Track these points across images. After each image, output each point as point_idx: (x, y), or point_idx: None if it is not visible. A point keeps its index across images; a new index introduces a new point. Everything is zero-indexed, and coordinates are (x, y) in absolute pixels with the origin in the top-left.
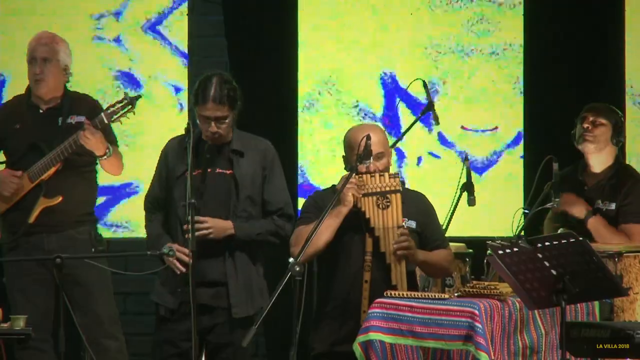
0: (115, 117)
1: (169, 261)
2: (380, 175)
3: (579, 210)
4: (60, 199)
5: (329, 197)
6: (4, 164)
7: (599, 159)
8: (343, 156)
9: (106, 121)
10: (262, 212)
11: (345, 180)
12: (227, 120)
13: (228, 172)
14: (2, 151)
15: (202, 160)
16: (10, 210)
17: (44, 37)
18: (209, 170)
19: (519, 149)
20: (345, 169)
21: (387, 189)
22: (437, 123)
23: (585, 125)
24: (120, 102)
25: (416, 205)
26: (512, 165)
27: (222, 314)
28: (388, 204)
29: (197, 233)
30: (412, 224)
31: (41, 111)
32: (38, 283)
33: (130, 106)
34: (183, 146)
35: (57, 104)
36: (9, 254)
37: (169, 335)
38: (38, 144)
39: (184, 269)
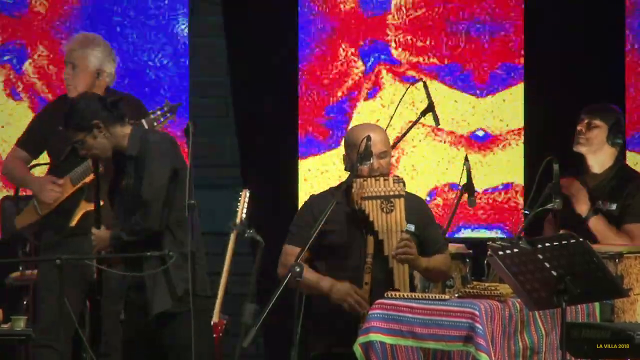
0: (156, 124)
1: None
2: (384, 180)
3: (581, 206)
4: (102, 203)
5: (326, 201)
6: (47, 165)
7: (597, 160)
8: (343, 155)
9: (147, 127)
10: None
11: (348, 295)
12: (86, 142)
13: (125, 181)
14: (45, 151)
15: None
16: (51, 212)
17: (75, 41)
18: (120, 184)
19: (520, 149)
20: (345, 169)
21: (391, 193)
22: (438, 124)
23: (579, 128)
24: (161, 108)
25: (415, 209)
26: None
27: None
28: (392, 208)
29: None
30: (411, 227)
31: None
32: (71, 283)
33: (170, 113)
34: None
35: None
36: (47, 252)
37: (125, 337)
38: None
39: None
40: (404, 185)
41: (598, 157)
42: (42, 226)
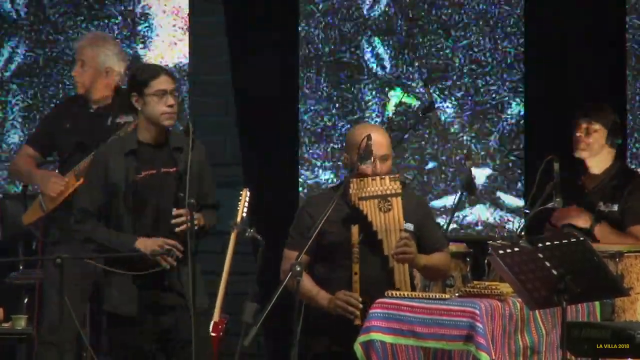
0: None
1: (162, 258)
2: (381, 179)
3: (583, 220)
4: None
5: (324, 202)
6: (56, 162)
7: (596, 161)
8: (344, 155)
9: None
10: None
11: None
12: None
13: (173, 169)
14: (55, 150)
15: (144, 163)
16: (56, 208)
17: (86, 39)
18: (154, 171)
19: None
20: (345, 168)
21: (388, 192)
22: (439, 122)
23: (578, 134)
24: None
25: (415, 207)
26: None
27: (181, 311)
28: (389, 207)
29: (180, 226)
30: (410, 226)
31: (91, 110)
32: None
33: None
34: (124, 151)
35: (107, 103)
36: (52, 249)
37: (131, 339)
38: (85, 143)
39: (174, 263)
40: (401, 183)
41: (598, 158)
42: (49, 223)
